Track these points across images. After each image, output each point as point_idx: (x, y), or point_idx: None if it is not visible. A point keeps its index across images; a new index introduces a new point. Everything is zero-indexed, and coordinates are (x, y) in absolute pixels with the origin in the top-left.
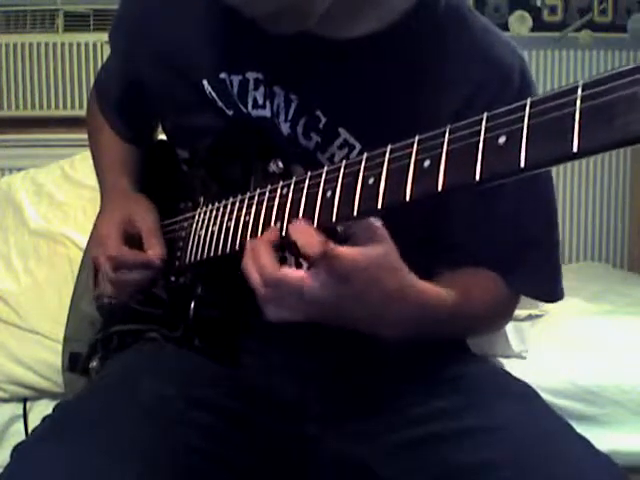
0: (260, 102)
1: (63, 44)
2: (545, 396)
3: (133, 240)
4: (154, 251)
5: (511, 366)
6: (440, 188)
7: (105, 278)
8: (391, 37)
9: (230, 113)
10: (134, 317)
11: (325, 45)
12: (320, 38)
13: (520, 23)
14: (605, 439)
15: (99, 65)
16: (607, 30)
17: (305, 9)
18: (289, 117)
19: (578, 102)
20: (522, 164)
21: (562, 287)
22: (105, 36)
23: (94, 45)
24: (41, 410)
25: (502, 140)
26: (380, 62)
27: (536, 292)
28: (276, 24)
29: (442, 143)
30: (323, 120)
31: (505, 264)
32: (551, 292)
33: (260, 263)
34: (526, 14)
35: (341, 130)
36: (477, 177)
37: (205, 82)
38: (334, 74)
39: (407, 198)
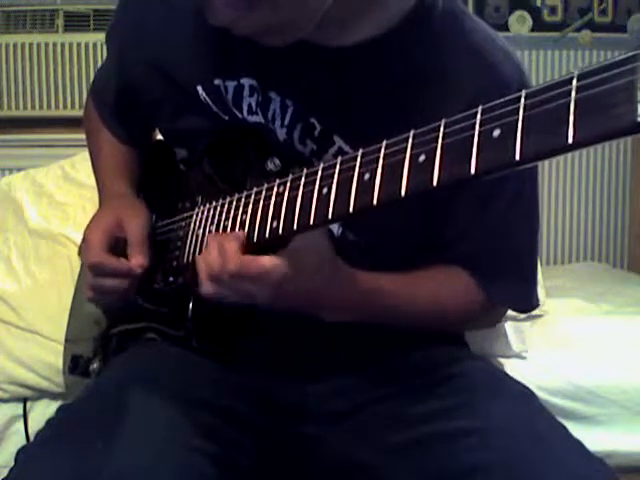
0: (254, 109)
1: (63, 44)
2: (544, 396)
3: (119, 246)
4: (136, 260)
5: (511, 366)
6: (436, 182)
7: (85, 283)
8: (387, 44)
9: (226, 118)
10: (133, 316)
11: (321, 52)
12: (316, 46)
13: (520, 23)
14: (604, 439)
15: (99, 65)
16: (607, 30)
17: (291, 28)
18: (286, 122)
19: (573, 93)
20: (517, 156)
21: (537, 297)
22: None
23: (94, 45)
24: (41, 410)
25: (497, 133)
26: (376, 69)
27: (512, 303)
28: (266, 39)
29: (437, 137)
30: (318, 128)
31: (486, 273)
32: (526, 304)
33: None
34: (526, 14)
35: (336, 138)
36: (472, 171)
37: (200, 88)
38: (329, 81)
39: (402, 193)
